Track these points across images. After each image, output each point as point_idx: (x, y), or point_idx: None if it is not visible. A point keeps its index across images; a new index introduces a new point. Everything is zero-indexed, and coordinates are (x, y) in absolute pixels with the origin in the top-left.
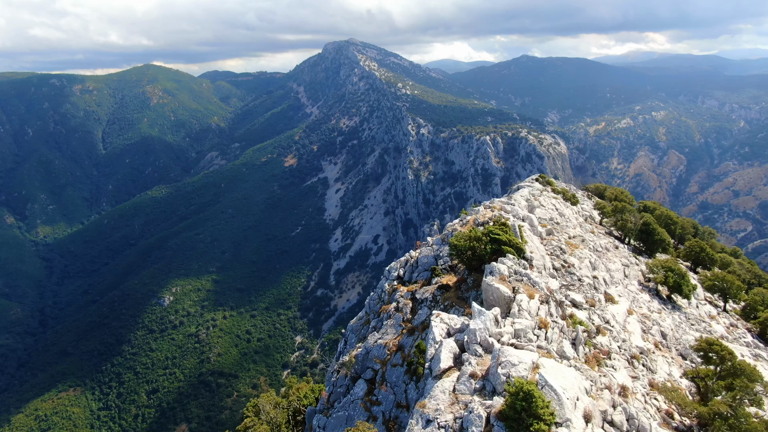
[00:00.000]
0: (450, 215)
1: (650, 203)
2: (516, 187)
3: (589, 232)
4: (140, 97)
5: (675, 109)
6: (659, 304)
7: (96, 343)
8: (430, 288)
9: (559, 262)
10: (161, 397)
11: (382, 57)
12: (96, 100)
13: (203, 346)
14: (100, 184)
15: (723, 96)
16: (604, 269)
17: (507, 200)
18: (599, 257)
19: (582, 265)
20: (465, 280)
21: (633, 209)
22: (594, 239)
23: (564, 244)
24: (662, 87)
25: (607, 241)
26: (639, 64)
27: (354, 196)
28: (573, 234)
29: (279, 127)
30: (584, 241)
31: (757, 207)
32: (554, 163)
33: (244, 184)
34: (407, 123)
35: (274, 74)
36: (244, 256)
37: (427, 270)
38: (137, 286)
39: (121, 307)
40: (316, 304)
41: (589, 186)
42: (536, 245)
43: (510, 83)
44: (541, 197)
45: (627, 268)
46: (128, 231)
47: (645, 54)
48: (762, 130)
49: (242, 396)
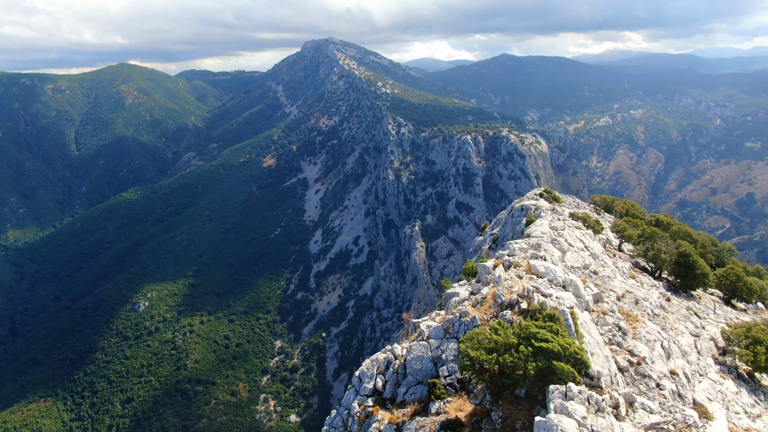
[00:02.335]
0: (431, 215)
1: (663, 217)
2: (520, 207)
3: (629, 277)
4: (114, 97)
5: (653, 108)
6: (748, 394)
7: (68, 351)
8: (427, 421)
9: (623, 356)
10: (136, 406)
11: (362, 56)
12: (69, 99)
13: (180, 353)
14: (73, 186)
15: (699, 94)
16: (677, 352)
17: (529, 245)
18: (662, 326)
19: (654, 355)
20: (488, 413)
21: (665, 235)
22: (643, 292)
23: (620, 317)
24: (639, 85)
25: (648, 285)
26: (616, 62)
27: (334, 197)
28: (620, 290)
29: (257, 126)
30: (638, 303)
31: (734, 204)
32: (536, 162)
33: (221, 185)
34: (387, 122)
35: (253, 73)
36: (222, 259)
37: (422, 383)
38: (111, 291)
39: (95, 314)
40: (296, 308)
41: (595, 198)
42: (593, 336)
43: (490, 82)
44: (565, 231)
45: (697, 338)
46: (102, 234)
47: (622, 53)
48: (737, 127)
49: (220, 403)
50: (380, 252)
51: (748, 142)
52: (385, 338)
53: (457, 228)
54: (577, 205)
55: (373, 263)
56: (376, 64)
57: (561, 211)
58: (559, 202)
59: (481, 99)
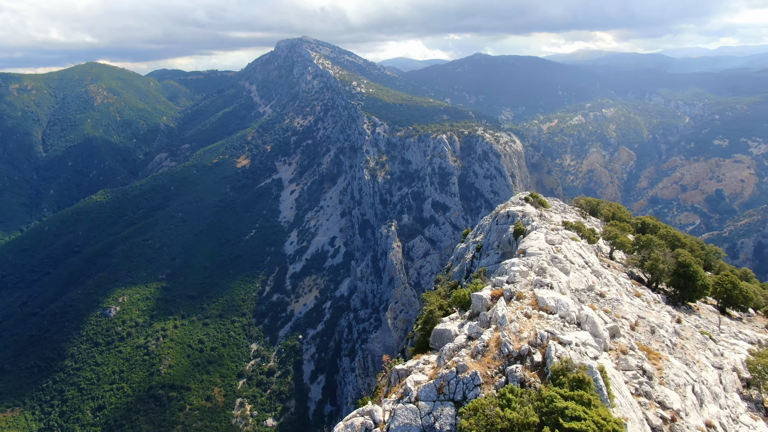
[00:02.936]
0: (407, 215)
1: (648, 219)
2: (505, 213)
3: (635, 295)
4: (83, 97)
5: (624, 106)
6: None
7: (36, 358)
8: None
9: (654, 410)
10: (108, 414)
11: (337, 55)
12: (35, 99)
13: (153, 358)
14: (41, 188)
15: (668, 93)
16: (709, 395)
17: (529, 267)
18: (685, 360)
19: (686, 405)
20: None
21: (661, 243)
22: (654, 315)
23: (642, 357)
24: (611, 84)
25: (654, 303)
26: (588, 62)
27: (309, 198)
28: (631, 316)
29: (231, 126)
30: (654, 333)
31: (704, 201)
32: (511, 161)
33: (194, 187)
34: (362, 122)
35: (226, 73)
36: (196, 262)
37: None
38: (81, 296)
39: (64, 320)
40: (271, 310)
41: (579, 199)
42: (624, 394)
43: (464, 81)
44: (562, 245)
45: (721, 371)
46: (71, 238)
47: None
48: (706, 126)
49: (195, 409)
50: (356, 252)
51: (716, 139)
52: (362, 339)
53: (434, 227)
54: (564, 209)
55: (350, 264)
56: (350, 64)
57: (549, 218)
58: (546, 206)
59: (455, 98)
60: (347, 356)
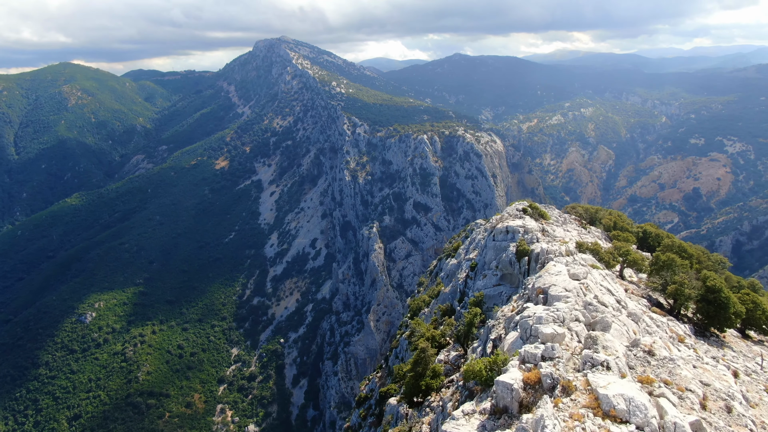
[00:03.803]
0: (389, 216)
1: (650, 227)
2: (504, 228)
3: (685, 345)
4: (57, 98)
5: (602, 106)
6: None
7: (8, 367)
8: None
9: None
10: (84, 423)
11: (316, 55)
12: (6, 101)
13: (130, 365)
14: (13, 192)
15: (645, 93)
16: None
17: (570, 330)
18: None
19: None
20: None
21: (684, 263)
22: (717, 375)
23: None
24: (589, 84)
25: (702, 351)
26: (566, 62)
27: (290, 199)
28: (695, 386)
29: (209, 128)
30: (731, 411)
31: (681, 199)
32: (492, 161)
33: (172, 189)
34: (343, 122)
35: (204, 73)
36: (174, 266)
37: None
38: (55, 302)
39: (38, 327)
40: (252, 314)
41: (576, 207)
42: None
43: (444, 81)
44: (587, 279)
45: None
46: (45, 242)
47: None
48: (682, 125)
49: (175, 416)
50: (338, 254)
51: (693, 138)
52: (345, 342)
53: (416, 228)
54: (564, 221)
55: (331, 266)
56: (330, 64)
57: (552, 232)
58: (546, 219)
59: (435, 98)
60: (330, 360)
